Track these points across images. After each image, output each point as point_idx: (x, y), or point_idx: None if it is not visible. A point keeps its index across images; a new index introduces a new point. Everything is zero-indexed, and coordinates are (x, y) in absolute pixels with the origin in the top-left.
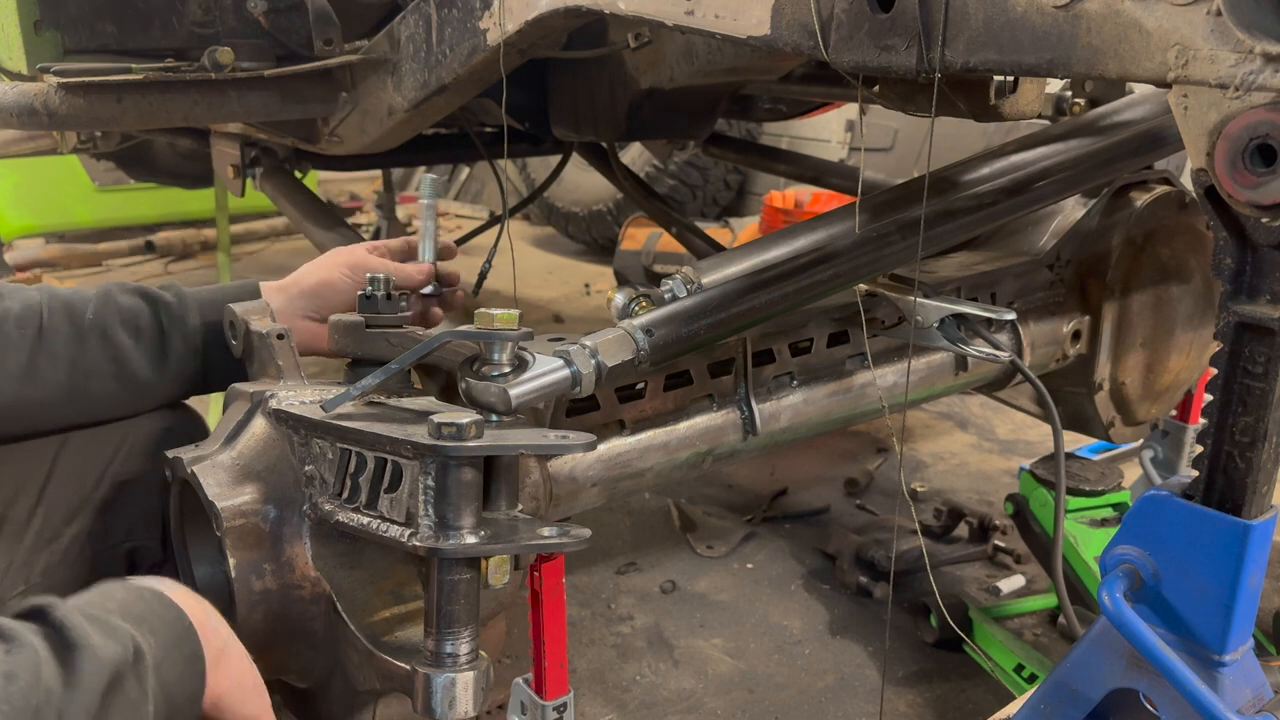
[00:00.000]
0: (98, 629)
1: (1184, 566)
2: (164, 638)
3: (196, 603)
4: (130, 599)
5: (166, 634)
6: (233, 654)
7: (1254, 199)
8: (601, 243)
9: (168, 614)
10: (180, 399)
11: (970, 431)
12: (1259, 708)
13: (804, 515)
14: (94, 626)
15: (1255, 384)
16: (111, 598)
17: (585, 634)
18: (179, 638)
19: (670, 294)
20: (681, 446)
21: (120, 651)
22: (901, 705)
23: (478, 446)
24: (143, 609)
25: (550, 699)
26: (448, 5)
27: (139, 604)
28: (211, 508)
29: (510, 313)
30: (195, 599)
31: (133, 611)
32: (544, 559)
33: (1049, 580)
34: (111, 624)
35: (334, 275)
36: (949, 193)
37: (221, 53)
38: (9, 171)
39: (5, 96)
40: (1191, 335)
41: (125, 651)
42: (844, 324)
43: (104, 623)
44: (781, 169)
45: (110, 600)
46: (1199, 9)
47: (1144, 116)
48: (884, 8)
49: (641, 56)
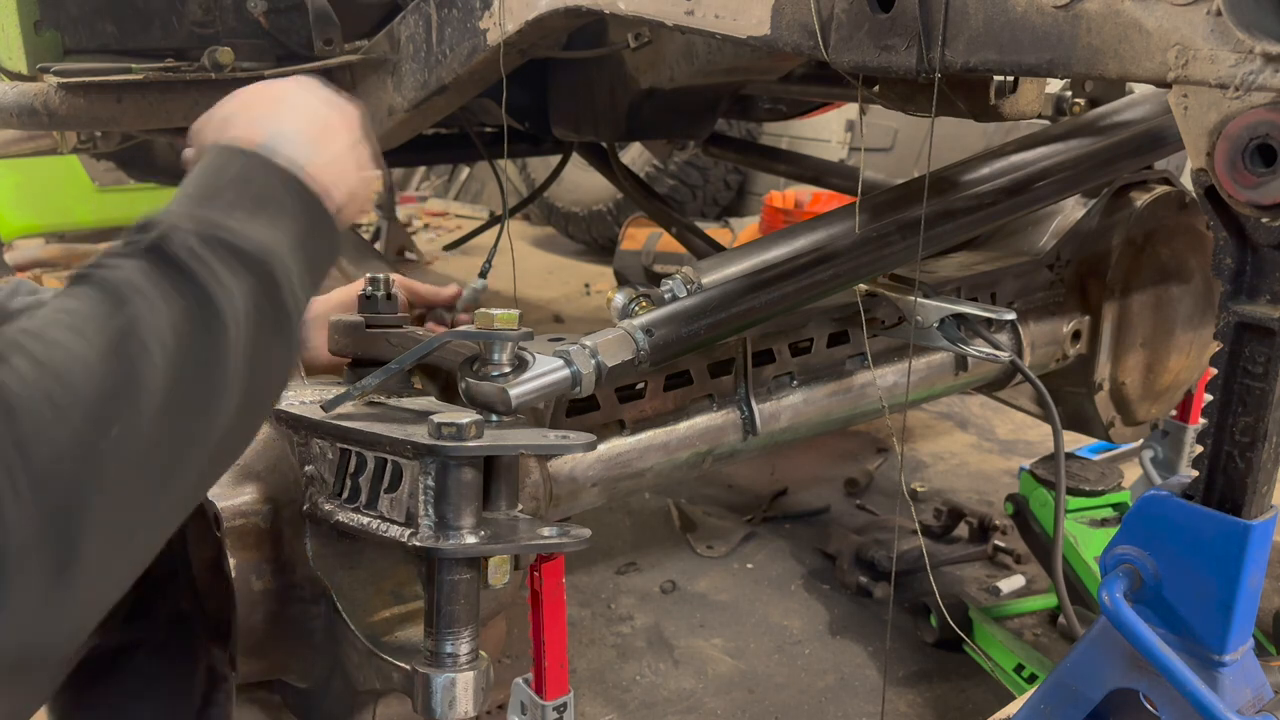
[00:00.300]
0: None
1: (1184, 566)
2: (304, 223)
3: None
4: (267, 189)
5: (307, 219)
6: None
7: (1254, 199)
8: (601, 243)
9: (310, 204)
10: None
11: (970, 431)
12: (1259, 708)
13: (804, 515)
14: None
15: (1255, 384)
16: (248, 191)
17: (585, 634)
18: (316, 220)
19: (670, 294)
20: (681, 446)
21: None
22: (901, 705)
23: (478, 446)
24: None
25: (550, 699)
26: (448, 5)
27: (277, 193)
28: (211, 508)
29: (510, 313)
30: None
31: (268, 207)
32: (544, 559)
33: (1049, 580)
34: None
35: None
36: (949, 193)
37: (221, 53)
38: (9, 171)
39: (5, 96)
40: (1191, 335)
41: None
42: (844, 324)
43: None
44: (781, 169)
45: (247, 194)
46: (1199, 9)
47: (1144, 116)
48: (884, 8)
49: (641, 56)
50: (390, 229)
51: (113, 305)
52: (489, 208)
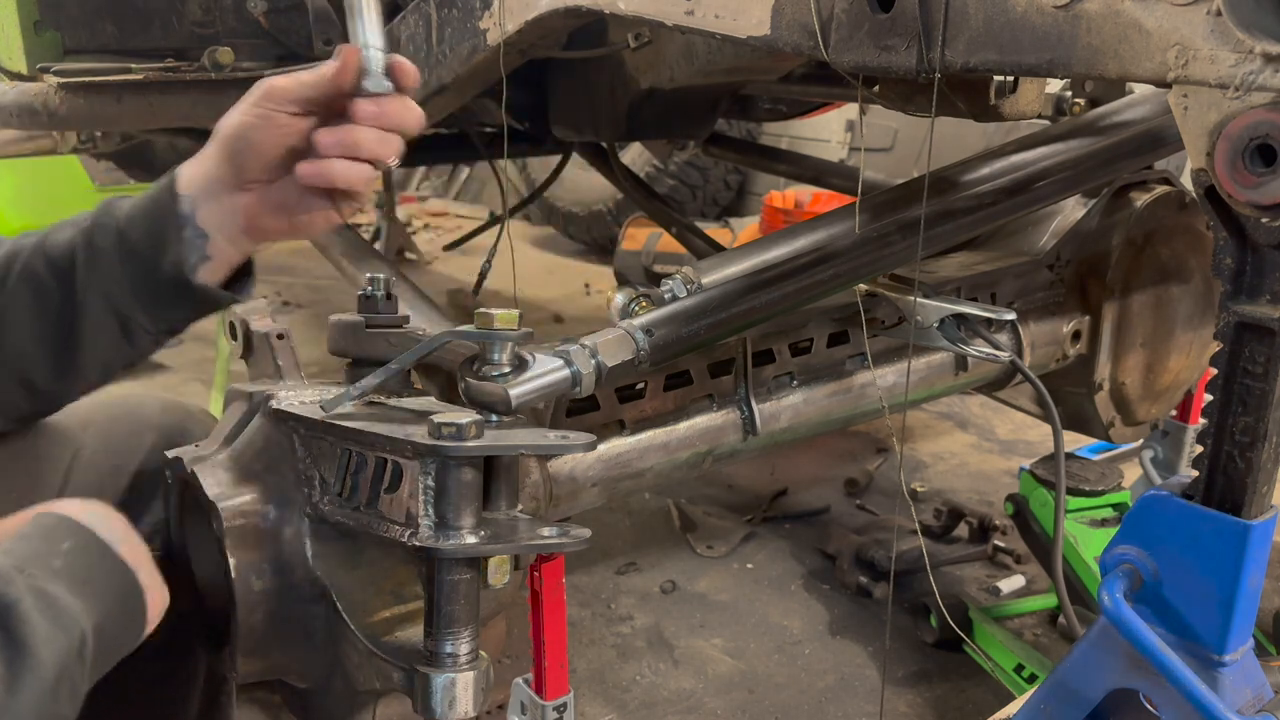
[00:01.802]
0: (46, 614)
1: (1184, 566)
2: (109, 601)
3: (124, 531)
4: (76, 552)
5: (112, 596)
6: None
7: (1254, 199)
8: (601, 243)
9: (115, 572)
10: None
11: (970, 431)
12: (1259, 708)
13: (804, 515)
14: (42, 612)
15: (1255, 384)
16: (57, 550)
17: (585, 634)
18: (124, 594)
19: (670, 294)
20: (681, 446)
21: (66, 646)
22: (901, 705)
23: (478, 446)
24: (88, 566)
25: (550, 699)
26: (448, 5)
27: (84, 559)
28: (211, 508)
29: (510, 313)
30: (122, 528)
31: (78, 574)
32: (544, 559)
33: (1049, 580)
34: (59, 605)
35: (247, 119)
36: (949, 193)
37: (221, 53)
38: (9, 171)
39: (5, 96)
40: (1191, 335)
41: (71, 643)
42: (844, 324)
43: (52, 604)
44: (781, 169)
45: (55, 555)
46: (1199, 9)
47: (1144, 116)
48: (884, 8)
49: (641, 56)
50: (390, 229)
51: None
52: (489, 208)
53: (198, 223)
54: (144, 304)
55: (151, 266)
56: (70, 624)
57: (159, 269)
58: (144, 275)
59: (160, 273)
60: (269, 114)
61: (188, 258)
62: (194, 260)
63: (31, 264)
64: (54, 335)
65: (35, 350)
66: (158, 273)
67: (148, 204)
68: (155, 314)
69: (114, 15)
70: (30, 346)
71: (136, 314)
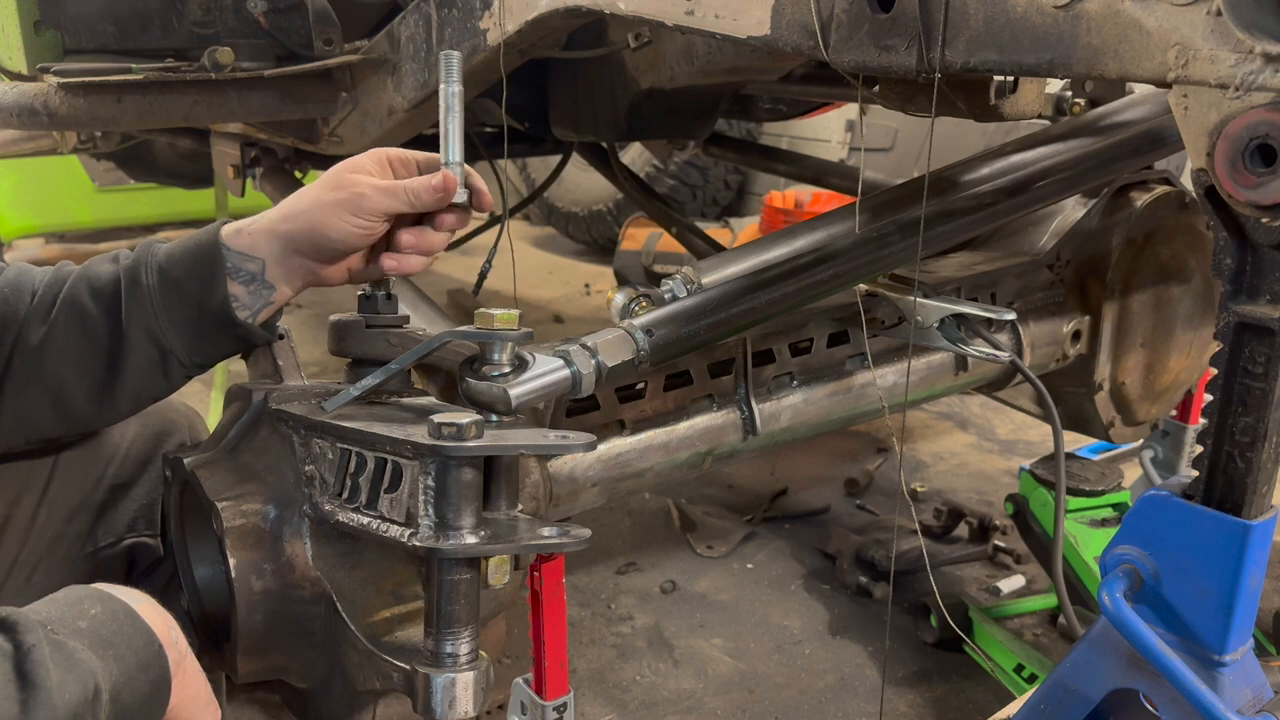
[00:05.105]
0: (61, 663)
1: (1184, 566)
2: (130, 664)
3: (161, 617)
4: (102, 618)
5: (134, 660)
6: (189, 669)
7: (1254, 199)
8: (601, 243)
9: (138, 637)
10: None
11: (970, 431)
12: (1259, 708)
13: (804, 515)
14: (57, 661)
15: (1255, 384)
16: (83, 613)
17: (585, 634)
18: (147, 662)
19: (670, 294)
20: (681, 446)
21: (79, 694)
22: (901, 705)
23: (478, 446)
24: (113, 630)
25: (550, 699)
26: (448, 5)
27: (110, 624)
28: (212, 508)
29: (510, 313)
30: (160, 613)
31: (102, 634)
32: (544, 559)
33: (1049, 580)
34: (76, 657)
35: (344, 228)
36: (949, 193)
37: (221, 53)
38: (9, 171)
39: (5, 96)
40: (1191, 335)
41: (85, 693)
42: (844, 324)
43: (69, 655)
44: (781, 169)
45: (81, 617)
46: (1199, 9)
47: (1144, 116)
48: (884, 8)
49: (641, 56)
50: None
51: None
52: None
53: (266, 277)
54: (186, 339)
55: (198, 304)
56: (85, 675)
57: (205, 307)
58: (189, 312)
59: (207, 311)
60: (370, 228)
61: (252, 306)
62: (258, 307)
63: (77, 294)
64: (96, 365)
65: (76, 377)
66: (203, 311)
67: (193, 247)
68: (196, 348)
69: (114, 15)
70: (71, 373)
71: (177, 349)
